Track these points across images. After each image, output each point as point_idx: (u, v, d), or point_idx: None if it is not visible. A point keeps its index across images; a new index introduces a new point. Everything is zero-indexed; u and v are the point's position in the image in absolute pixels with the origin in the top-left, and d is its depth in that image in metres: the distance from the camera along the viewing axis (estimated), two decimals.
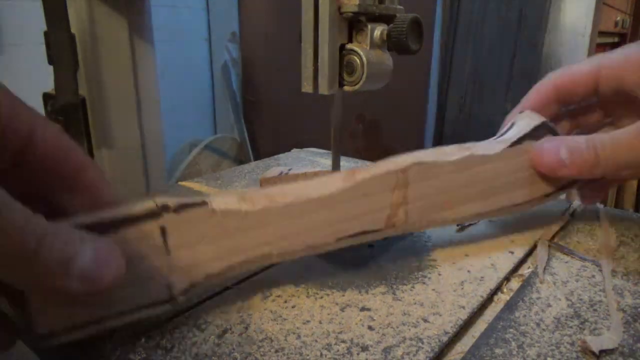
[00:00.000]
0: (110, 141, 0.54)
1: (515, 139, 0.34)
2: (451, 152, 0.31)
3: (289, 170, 0.42)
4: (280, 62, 1.60)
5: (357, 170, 0.28)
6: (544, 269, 0.32)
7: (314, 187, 0.27)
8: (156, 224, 0.23)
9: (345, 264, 0.32)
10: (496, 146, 0.33)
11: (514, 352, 0.24)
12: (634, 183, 1.82)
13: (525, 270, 0.32)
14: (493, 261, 0.33)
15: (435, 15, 1.20)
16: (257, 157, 1.72)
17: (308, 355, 0.23)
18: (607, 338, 0.25)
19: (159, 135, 0.60)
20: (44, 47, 0.51)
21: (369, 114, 1.38)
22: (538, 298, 0.29)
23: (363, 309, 0.27)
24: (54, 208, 0.23)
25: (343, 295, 0.28)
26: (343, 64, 0.32)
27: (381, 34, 0.32)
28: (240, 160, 1.76)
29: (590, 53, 1.07)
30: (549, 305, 0.28)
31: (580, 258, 0.34)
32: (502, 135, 0.35)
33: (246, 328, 0.25)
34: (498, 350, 0.24)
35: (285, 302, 0.28)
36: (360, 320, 0.26)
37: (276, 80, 1.65)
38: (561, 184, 0.35)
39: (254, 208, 0.26)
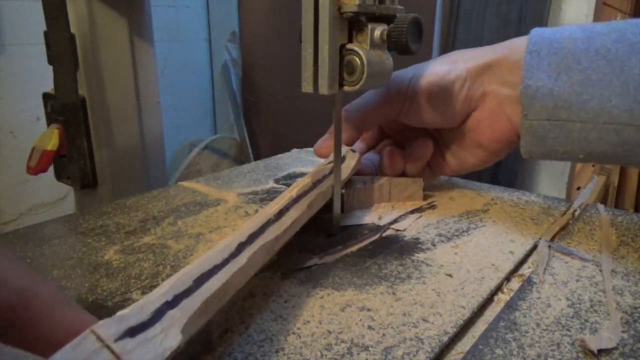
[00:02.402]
0: (110, 141, 0.54)
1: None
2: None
3: (372, 179, 0.41)
4: (280, 62, 1.60)
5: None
6: (544, 269, 0.32)
7: None
8: None
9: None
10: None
11: (514, 352, 0.24)
12: (634, 183, 1.82)
13: (526, 270, 0.32)
14: (493, 261, 0.33)
15: (435, 15, 1.20)
16: (257, 157, 1.72)
17: (308, 355, 0.23)
18: (606, 337, 0.25)
19: (159, 135, 0.61)
20: (44, 47, 0.51)
21: None
22: (538, 298, 0.29)
23: (363, 309, 0.27)
24: None
25: (343, 295, 0.28)
26: (343, 64, 0.32)
27: (381, 34, 0.32)
28: (241, 161, 1.76)
29: None
30: (549, 306, 0.28)
31: (580, 258, 0.34)
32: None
33: (246, 328, 0.25)
34: (498, 351, 0.24)
35: (286, 302, 0.28)
36: (361, 320, 0.26)
37: (276, 80, 1.65)
38: None
39: None
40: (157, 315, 0.18)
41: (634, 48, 0.32)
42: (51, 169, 0.55)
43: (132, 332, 0.16)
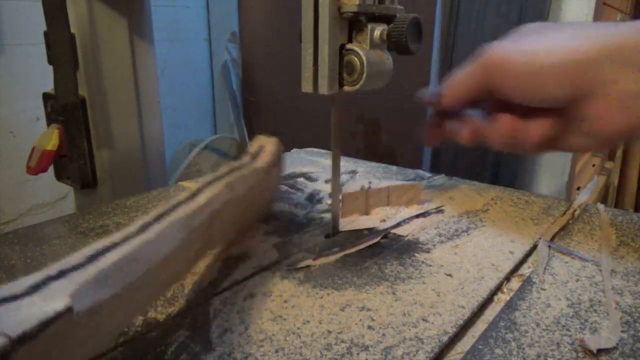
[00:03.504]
0: (110, 141, 0.54)
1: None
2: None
3: (370, 184, 0.41)
4: (280, 62, 1.60)
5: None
6: (544, 269, 0.32)
7: None
8: None
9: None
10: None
11: (514, 352, 0.24)
12: (634, 183, 1.82)
13: (525, 270, 0.32)
14: (493, 261, 0.33)
15: (435, 15, 1.20)
16: None
17: (308, 355, 0.23)
18: (605, 337, 0.25)
19: (159, 135, 0.61)
20: (44, 47, 0.51)
21: (369, 114, 1.38)
22: (538, 298, 0.29)
23: (363, 309, 0.27)
24: None
25: (343, 295, 0.28)
26: (343, 64, 0.32)
27: (381, 34, 0.32)
28: None
29: None
30: (549, 306, 0.28)
31: (580, 258, 0.34)
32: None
33: (246, 328, 0.25)
34: (498, 351, 0.24)
35: (285, 302, 0.28)
36: (360, 320, 0.26)
37: (276, 80, 1.65)
38: None
39: None
40: (35, 288, 0.16)
41: None
42: (51, 169, 0.55)
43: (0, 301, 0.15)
